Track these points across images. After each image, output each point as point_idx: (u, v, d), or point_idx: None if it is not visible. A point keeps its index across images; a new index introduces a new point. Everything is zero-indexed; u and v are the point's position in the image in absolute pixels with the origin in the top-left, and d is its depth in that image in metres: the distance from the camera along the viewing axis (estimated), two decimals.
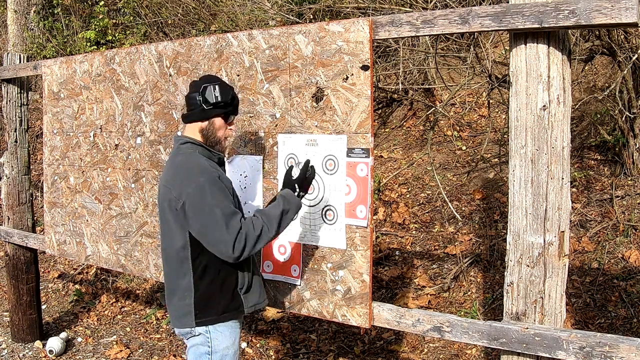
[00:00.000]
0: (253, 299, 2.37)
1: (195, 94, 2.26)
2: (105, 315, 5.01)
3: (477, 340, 2.15)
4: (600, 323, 3.69)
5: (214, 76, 2.37)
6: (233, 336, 2.33)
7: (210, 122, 2.29)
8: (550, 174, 2.01)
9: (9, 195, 4.44)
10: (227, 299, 2.28)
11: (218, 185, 2.16)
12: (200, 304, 2.25)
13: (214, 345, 2.28)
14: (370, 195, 2.40)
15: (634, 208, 4.35)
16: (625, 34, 4.33)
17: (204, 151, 2.29)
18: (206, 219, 2.12)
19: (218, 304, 2.27)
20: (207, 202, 2.12)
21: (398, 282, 4.64)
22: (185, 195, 2.15)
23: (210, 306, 2.26)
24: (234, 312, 2.31)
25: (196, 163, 2.22)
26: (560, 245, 2.02)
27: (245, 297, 2.33)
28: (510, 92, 2.08)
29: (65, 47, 8.77)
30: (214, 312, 2.26)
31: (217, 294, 2.26)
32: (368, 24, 2.33)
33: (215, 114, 2.28)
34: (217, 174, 2.20)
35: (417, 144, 6.16)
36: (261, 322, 4.56)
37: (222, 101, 2.25)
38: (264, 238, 2.16)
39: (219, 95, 2.24)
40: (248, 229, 2.12)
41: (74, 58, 3.68)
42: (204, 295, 2.26)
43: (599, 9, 1.81)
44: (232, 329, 2.33)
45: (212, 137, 2.31)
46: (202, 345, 2.29)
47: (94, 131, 3.55)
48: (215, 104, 2.25)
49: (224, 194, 2.17)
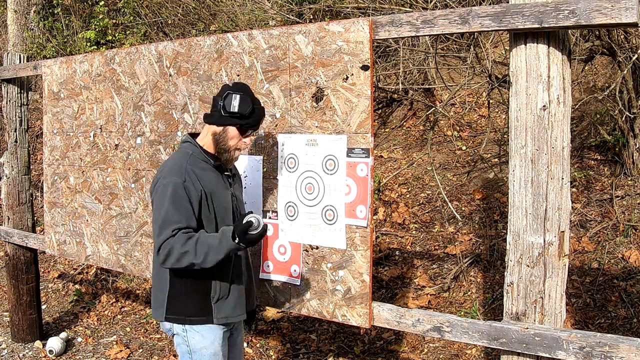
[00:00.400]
0: (226, 311, 2.32)
1: (219, 97, 2.28)
2: (105, 315, 5.01)
3: (477, 340, 2.15)
4: (600, 323, 3.69)
5: (244, 85, 2.33)
6: (211, 338, 2.31)
7: (224, 129, 2.29)
8: (550, 174, 2.01)
9: (9, 195, 4.44)
10: (195, 303, 2.28)
11: (178, 192, 2.19)
12: (172, 301, 2.30)
13: (191, 344, 2.30)
14: (370, 195, 2.40)
15: (634, 208, 4.35)
16: (625, 34, 4.33)
17: (200, 154, 2.31)
18: (154, 216, 2.22)
19: (186, 305, 2.29)
20: (160, 202, 2.19)
21: (398, 282, 4.64)
22: (155, 188, 2.25)
23: (180, 305, 2.29)
24: (202, 317, 2.29)
25: (178, 163, 2.26)
26: (560, 245, 2.02)
27: (217, 306, 2.30)
28: (510, 92, 2.08)
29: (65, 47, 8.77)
30: (182, 312, 2.29)
31: (188, 295, 2.28)
32: (368, 24, 2.33)
33: (230, 123, 2.27)
34: (184, 179, 2.20)
35: (417, 144, 6.16)
36: (261, 322, 4.56)
37: (238, 112, 2.24)
38: (187, 259, 2.12)
39: (237, 106, 2.24)
40: (175, 243, 2.12)
41: (74, 58, 3.68)
42: (176, 293, 2.30)
43: (599, 9, 1.81)
44: (211, 331, 2.31)
45: (223, 144, 2.30)
46: (182, 344, 2.33)
47: (94, 131, 3.55)
48: (231, 114, 2.25)
49: (178, 202, 2.18)
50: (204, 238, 2.15)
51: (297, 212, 2.62)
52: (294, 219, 2.64)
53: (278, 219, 2.70)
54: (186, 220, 2.18)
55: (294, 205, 2.64)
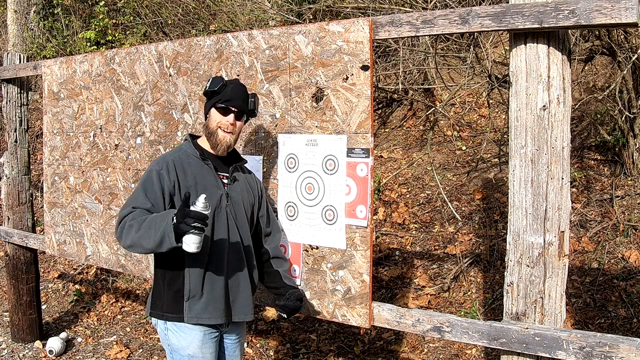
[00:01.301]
0: (196, 311, 2.22)
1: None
2: (105, 315, 5.01)
3: (477, 340, 2.15)
4: (600, 323, 3.69)
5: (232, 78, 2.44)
6: (189, 338, 2.24)
7: (209, 115, 2.34)
8: (550, 174, 2.01)
9: (9, 195, 4.44)
10: (170, 299, 2.25)
11: (152, 178, 2.21)
12: (154, 296, 2.33)
13: (171, 342, 2.29)
14: (370, 195, 2.40)
15: (634, 208, 4.35)
16: (625, 34, 4.33)
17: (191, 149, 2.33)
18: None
19: (163, 301, 2.28)
20: (137, 186, 2.26)
21: (398, 282, 4.64)
22: None
23: (158, 301, 2.30)
24: (175, 315, 2.24)
25: (163, 155, 2.35)
26: (560, 245, 2.02)
27: (189, 305, 2.22)
28: (510, 92, 2.08)
29: (65, 47, 8.77)
30: (159, 307, 2.29)
31: (164, 291, 2.28)
32: (368, 24, 2.33)
33: (210, 106, 2.32)
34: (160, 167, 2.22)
35: (417, 144, 6.16)
36: (261, 322, 4.56)
37: (209, 90, 2.29)
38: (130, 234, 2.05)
39: (208, 85, 2.31)
40: (128, 218, 2.10)
41: (74, 58, 3.68)
42: (157, 289, 2.32)
43: (599, 9, 1.81)
44: (190, 331, 2.24)
45: (209, 128, 2.32)
46: (164, 341, 2.34)
47: (94, 131, 3.55)
48: (208, 94, 2.32)
49: (150, 186, 2.19)
50: (153, 216, 2.07)
51: (297, 212, 2.62)
52: (294, 219, 2.64)
53: (278, 219, 2.70)
54: (151, 204, 2.16)
55: (294, 205, 2.64)
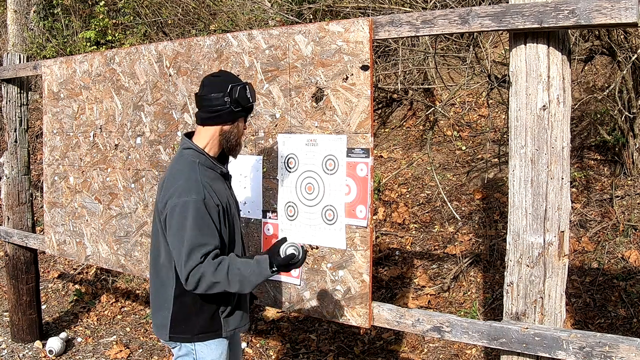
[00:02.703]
0: (234, 323, 2.24)
1: (219, 94, 2.11)
2: (105, 315, 5.01)
3: (477, 340, 2.15)
4: (600, 323, 3.69)
5: (232, 74, 2.23)
6: (219, 351, 2.23)
7: (235, 125, 2.17)
8: (550, 174, 2.01)
9: (9, 195, 4.44)
10: (204, 319, 2.16)
11: (201, 211, 2.03)
12: (176, 319, 2.17)
13: (199, 358, 2.19)
14: (370, 195, 2.40)
15: (634, 208, 4.35)
16: (625, 34, 4.33)
17: (206, 161, 2.16)
18: (175, 240, 2.04)
19: (194, 323, 2.16)
20: (181, 224, 2.02)
21: (398, 282, 4.64)
22: (169, 207, 2.06)
23: (186, 324, 2.17)
24: (210, 334, 2.19)
25: (192, 178, 2.08)
26: (560, 245, 2.02)
27: (226, 321, 2.21)
28: (510, 92, 2.08)
29: (65, 47, 8.77)
30: (189, 330, 2.17)
31: (195, 313, 2.16)
32: (368, 24, 2.33)
33: (241, 116, 2.18)
34: (203, 196, 2.05)
35: (417, 144, 6.16)
36: (261, 322, 4.56)
37: (252, 103, 2.17)
38: (220, 286, 2.02)
39: (251, 97, 2.15)
40: (207, 269, 1.99)
41: (74, 58, 3.68)
42: (181, 312, 2.16)
43: (598, 9, 1.81)
44: (220, 344, 2.23)
45: (235, 140, 2.19)
46: (187, 356, 2.22)
47: (93, 131, 3.55)
48: (245, 107, 2.16)
49: (202, 221, 2.02)
50: (235, 265, 2.01)
51: (297, 212, 2.62)
52: (294, 219, 2.64)
53: (278, 219, 2.70)
54: (211, 241, 2.03)
55: (294, 205, 2.64)
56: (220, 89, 2.11)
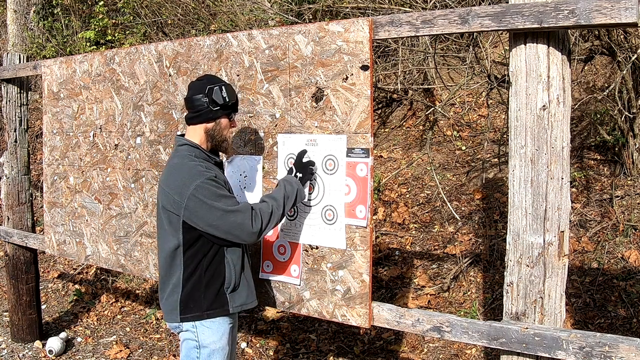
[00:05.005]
0: (240, 299, 2.39)
1: (199, 95, 2.34)
2: (105, 315, 5.01)
3: (476, 340, 2.15)
4: (600, 323, 3.69)
5: (215, 76, 2.46)
6: (220, 331, 2.37)
7: (217, 123, 2.38)
8: (550, 174, 2.01)
9: (9, 195, 4.44)
10: (210, 297, 2.33)
11: (215, 183, 2.25)
12: (185, 300, 2.33)
13: (201, 339, 2.34)
14: (370, 195, 2.40)
15: (633, 208, 4.35)
16: (624, 33, 4.34)
17: (200, 154, 2.36)
18: (212, 215, 2.20)
19: (202, 301, 2.32)
20: (209, 201, 2.20)
21: (398, 282, 4.64)
22: (187, 197, 2.22)
23: (194, 303, 2.32)
24: (218, 309, 2.35)
25: (192, 166, 2.29)
26: (560, 245, 2.02)
27: (232, 297, 2.37)
28: (510, 92, 2.08)
29: (65, 47, 8.77)
30: (197, 309, 2.32)
31: (202, 291, 2.32)
32: (368, 24, 2.33)
33: (221, 115, 2.37)
34: (213, 174, 2.27)
35: (416, 143, 6.16)
36: (261, 322, 4.56)
37: (229, 101, 2.36)
38: (275, 217, 2.28)
39: (227, 97, 2.34)
40: (260, 207, 2.26)
41: (74, 58, 3.68)
42: (189, 293, 2.33)
43: (598, 9, 1.81)
44: (220, 325, 2.37)
45: (219, 136, 2.39)
46: (190, 340, 2.36)
47: (93, 131, 3.55)
48: (223, 105, 2.35)
49: (222, 190, 2.25)
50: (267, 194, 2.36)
51: (297, 212, 2.62)
52: (294, 219, 2.64)
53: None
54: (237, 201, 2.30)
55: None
56: (200, 91, 2.35)
